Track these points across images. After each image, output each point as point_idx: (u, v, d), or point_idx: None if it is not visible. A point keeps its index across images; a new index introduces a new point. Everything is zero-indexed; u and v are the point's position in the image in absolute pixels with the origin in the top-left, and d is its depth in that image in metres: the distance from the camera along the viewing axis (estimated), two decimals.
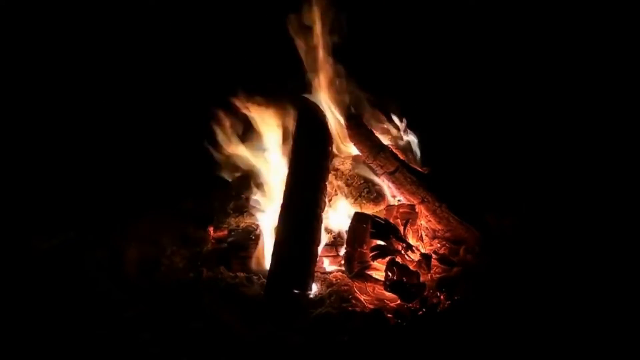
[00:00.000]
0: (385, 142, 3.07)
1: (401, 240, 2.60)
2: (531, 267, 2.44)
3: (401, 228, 2.69)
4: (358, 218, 2.62)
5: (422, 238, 2.79)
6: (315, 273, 2.53)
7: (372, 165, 2.91)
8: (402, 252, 2.56)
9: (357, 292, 2.45)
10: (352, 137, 3.02)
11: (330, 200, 2.93)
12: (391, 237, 2.56)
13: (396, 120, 3.29)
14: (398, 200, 2.96)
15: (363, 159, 2.99)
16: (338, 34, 2.99)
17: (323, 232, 2.69)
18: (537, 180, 3.30)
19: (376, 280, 2.48)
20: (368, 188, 2.96)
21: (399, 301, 2.35)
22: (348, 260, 2.54)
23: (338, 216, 2.89)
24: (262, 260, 2.76)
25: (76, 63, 4.45)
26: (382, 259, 2.49)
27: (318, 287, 2.54)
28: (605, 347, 2.00)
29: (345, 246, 2.62)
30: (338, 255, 2.74)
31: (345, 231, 2.73)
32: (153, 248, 2.88)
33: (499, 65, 4.48)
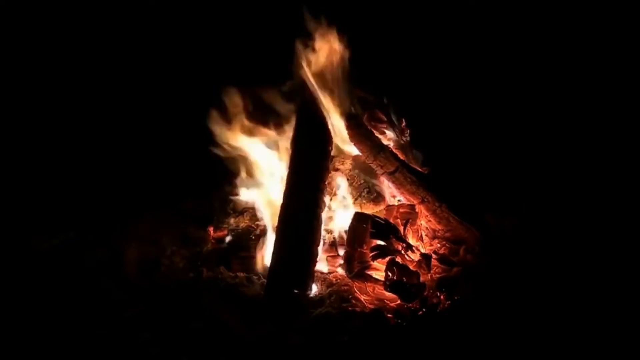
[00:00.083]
0: (385, 142, 3.07)
1: (401, 240, 2.60)
2: (531, 267, 2.44)
3: (401, 228, 2.69)
4: (358, 218, 2.62)
5: (422, 238, 2.79)
6: (315, 273, 2.54)
7: (372, 165, 2.91)
8: (402, 252, 2.55)
9: (357, 292, 2.45)
10: (352, 137, 3.01)
11: (331, 198, 2.93)
12: (391, 237, 2.56)
13: (396, 120, 3.29)
14: (398, 200, 2.96)
15: (363, 159, 2.99)
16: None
17: (323, 232, 2.69)
18: (537, 180, 3.30)
19: (376, 280, 2.48)
20: (368, 188, 2.96)
21: (399, 301, 2.35)
22: (348, 260, 2.54)
23: (338, 216, 2.88)
24: (262, 260, 2.76)
25: (76, 63, 4.46)
26: (382, 259, 2.49)
27: (318, 287, 2.54)
28: (605, 347, 2.00)
29: (345, 246, 2.62)
30: (338, 255, 2.74)
31: (345, 231, 2.73)
32: (153, 248, 2.88)
33: (499, 65, 4.48)
